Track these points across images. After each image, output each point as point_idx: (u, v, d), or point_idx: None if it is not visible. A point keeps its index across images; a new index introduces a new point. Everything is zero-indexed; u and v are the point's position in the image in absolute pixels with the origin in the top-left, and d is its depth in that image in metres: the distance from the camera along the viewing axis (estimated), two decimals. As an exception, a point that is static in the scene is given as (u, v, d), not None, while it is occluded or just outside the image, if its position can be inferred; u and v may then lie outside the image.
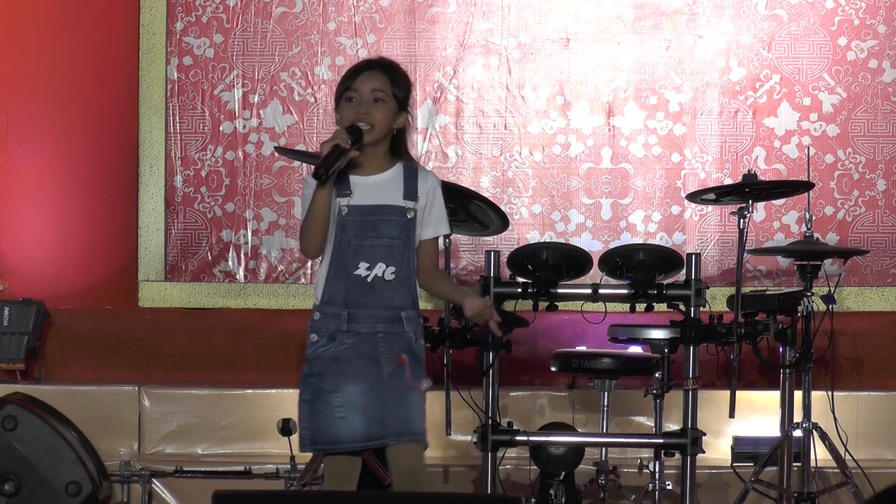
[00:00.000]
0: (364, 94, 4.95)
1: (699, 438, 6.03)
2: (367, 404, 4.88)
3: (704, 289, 6.02)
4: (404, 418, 4.89)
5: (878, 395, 7.24)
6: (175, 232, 7.73)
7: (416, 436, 4.91)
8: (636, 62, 7.68)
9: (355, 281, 4.90)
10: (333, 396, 4.89)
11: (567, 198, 7.68)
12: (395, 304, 4.92)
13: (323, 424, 4.90)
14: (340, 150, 4.82)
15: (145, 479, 6.92)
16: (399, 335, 4.92)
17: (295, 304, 7.65)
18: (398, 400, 4.89)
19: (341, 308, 4.91)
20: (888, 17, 7.65)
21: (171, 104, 7.73)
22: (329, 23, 7.73)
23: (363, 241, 4.91)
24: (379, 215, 4.92)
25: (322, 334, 4.94)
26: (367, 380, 4.89)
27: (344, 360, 4.91)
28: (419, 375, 4.93)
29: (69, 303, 7.66)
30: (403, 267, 4.93)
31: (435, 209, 5.00)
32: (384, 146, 4.99)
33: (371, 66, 5.03)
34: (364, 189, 4.95)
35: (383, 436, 4.90)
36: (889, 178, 7.63)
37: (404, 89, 5.02)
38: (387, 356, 4.91)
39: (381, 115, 4.94)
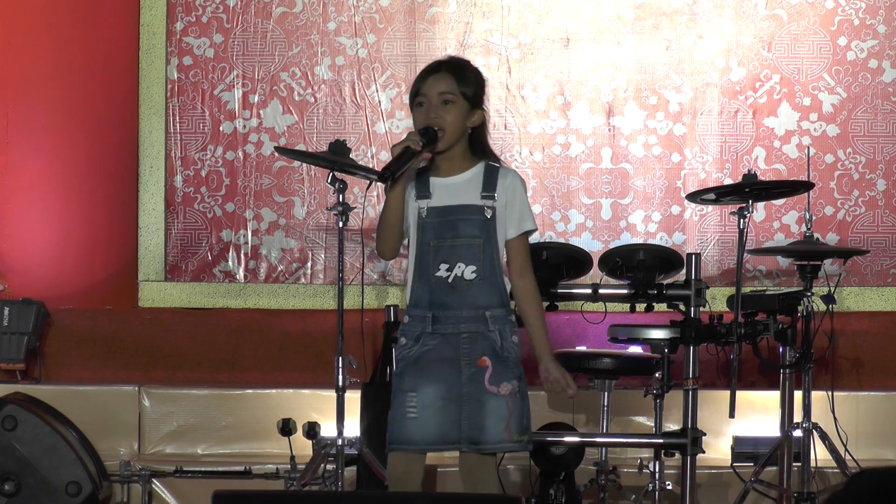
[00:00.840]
0: (432, 97, 4.92)
1: (699, 438, 6.03)
2: (444, 406, 4.84)
3: (704, 289, 6.02)
4: (478, 426, 4.85)
5: (878, 395, 7.24)
6: (175, 232, 7.73)
7: (491, 444, 4.86)
8: (636, 62, 7.68)
9: (437, 282, 4.88)
10: (409, 396, 4.86)
11: (567, 198, 7.68)
12: (479, 303, 4.88)
13: (396, 424, 4.88)
14: (411, 152, 4.81)
15: (145, 479, 6.92)
16: (483, 336, 4.88)
17: (295, 304, 7.65)
18: (475, 405, 4.85)
19: (426, 310, 4.89)
20: (888, 17, 7.65)
21: (171, 104, 7.73)
22: (329, 23, 7.73)
23: (442, 241, 4.89)
24: (457, 215, 4.90)
25: (409, 337, 4.92)
26: (446, 381, 4.85)
27: (425, 361, 4.88)
28: (503, 379, 4.88)
29: (69, 303, 7.66)
30: (486, 265, 4.89)
31: (516, 206, 4.96)
32: (462, 146, 4.96)
33: (438, 68, 4.99)
34: (443, 190, 4.93)
35: (457, 440, 4.86)
36: (889, 178, 7.63)
37: (474, 87, 4.98)
38: (468, 358, 4.87)
39: (452, 117, 4.91)
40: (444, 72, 4.97)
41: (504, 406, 4.87)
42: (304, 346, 7.52)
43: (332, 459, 6.03)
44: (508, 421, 4.87)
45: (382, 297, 7.53)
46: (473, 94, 4.97)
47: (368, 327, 6.87)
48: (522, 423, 4.94)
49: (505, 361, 4.90)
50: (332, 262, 7.65)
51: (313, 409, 7.01)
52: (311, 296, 7.66)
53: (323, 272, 7.69)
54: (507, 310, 4.95)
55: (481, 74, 5.05)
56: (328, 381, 6.06)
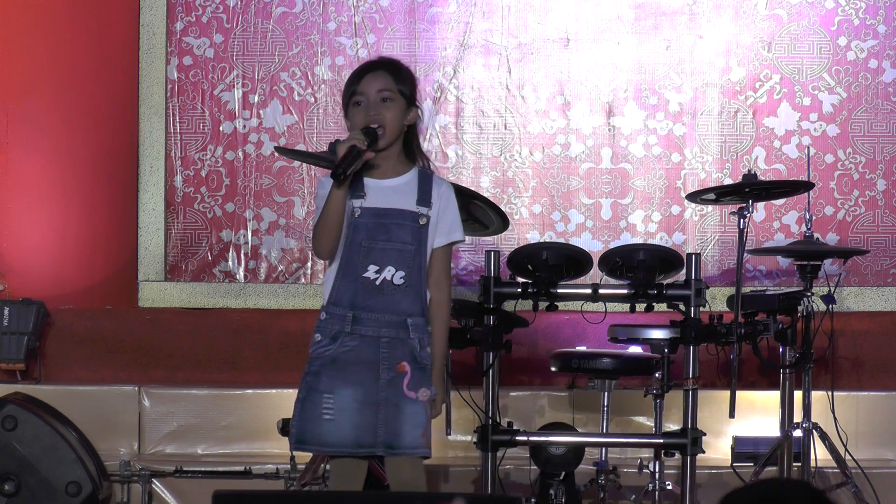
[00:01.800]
0: (371, 95, 4.93)
1: (699, 438, 6.03)
2: (360, 410, 4.85)
3: (704, 289, 6.01)
4: (396, 430, 4.85)
5: (878, 395, 7.24)
6: (175, 232, 7.73)
7: (407, 449, 4.87)
8: (636, 62, 7.68)
9: (364, 283, 4.88)
10: (325, 397, 4.86)
11: (567, 198, 7.68)
12: (402, 309, 4.89)
13: (310, 424, 4.87)
14: (357, 151, 4.80)
15: (145, 479, 6.92)
16: (403, 342, 4.88)
17: (295, 304, 7.65)
18: (392, 410, 4.85)
19: (347, 309, 4.89)
20: (888, 17, 7.65)
21: (171, 104, 7.73)
22: (329, 23, 7.73)
23: (374, 243, 4.88)
24: (392, 219, 4.90)
25: (326, 334, 4.92)
26: (363, 385, 4.86)
27: (342, 363, 4.88)
28: (420, 385, 4.89)
29: (69, 303, 7.66)
30: (414, 273, 4.90)
31: (448, 216, 4.96)
32: (398, 147, 4.97)
33: (373, 66, 5.02)
34: (378, 192, 4.92)
35: (373, 445, 4.87)
36: (889, 178, 7.63)
37: (410, 85, 5.00)
38: (387, 363, 4.87)
39: (392, 114, 4.92)
40: (380, 70, 4.99)
41: (422, 412, 4.89)
42: (304, 346, 7.45)
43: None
44: (425, 427, 4.88)
45: (382, 297, 7.52)
46: (410, 92, 4.99)
47: (368, 327, 6.85)
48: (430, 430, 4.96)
49: (423, 369, 4.92)
50: (332, 262, 7.65)
51: (313, 409, 7.00)
52: (311, 296, 7.66)
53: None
54: (426, 319, 4.95)
55: (413, 73, 5.09)
56: (328, 381, 6.06)
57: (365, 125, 4.88)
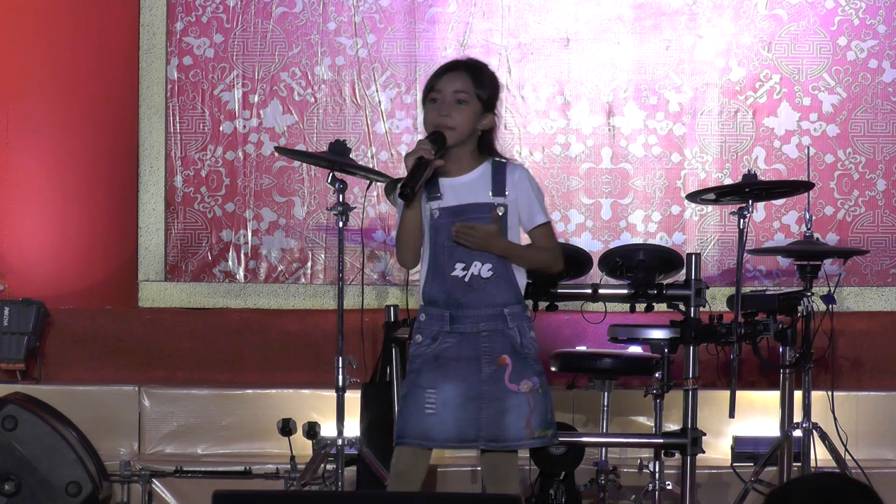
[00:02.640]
0: (446, 95, 4.93)
1: (699, 438, 6.03)
2: (463, 405, 4.86)
3: (704, 289, 6.01)
4: (498, 423, 4.86)
5: (878, 395, 7.24)
6: (175, 232, 7.73)
7: (512, 441, 4.88)
8: (636, 62, 7.68)
9: (453, 282, 4.89)
10: (428, 392, 4.87)
11: (567, 198, 7.68)
12: (497, 300, 4.90)
13: (412, 419, 4.88)
14: (425, 163, 4.80)
15: (145, 479, 6.92)
16: (502, 333, 4.89)
17: (295, 304, 7.65)
18: (494, 404, 4.86)
19: (444, 309, 4.90)
20: (888, 17, 7.64)
21: (171, 104, 7.73)
22: (329, 23, 7.73)
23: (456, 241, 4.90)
24: (469, 214, 4.90)
25: (426, 335, 4.93)
26: (466, 380, 4.87)
27: (444, 359, 4.89)
28: (522, 376, 4.88)
29: (69, 303, 7.66)
30: (501, 262, 4.90)
31: (525, 200, 4.97)
32: (470, 146, 4.96)
33: (455, 66, 5.00)
34: (453, 190, 4.93)
35: (476, 439, 4.88)
36: (889, 178, 7.63)
37: (490, 90, 4.98)
38: (488, 357, 4.88)
39: (464, 116, 4.91)
40: (461, 70, 4.98)
41: (525, 403, 4.88)
42: (304, 346, 7.52)
43: (332, 459, 6.03)
44: (529, 418, 4.87)
45: (382, 297, 7.53)
46: (488, 98, 4.97)
47: (368, 327, 6.87)
48: (546, 418, 4.95)
49: (525, 358, 4.91)
50: (332, 262, 7.65)
51: (313, 409, 7.01)
52: (311, 296, 7.66)
53: (323, 272, 7.69)
54: (524, 306, 4.96)
55: (497, 79, 5.06)
56: (328, 381, 6.07)
57: (434, 124, 4.88)
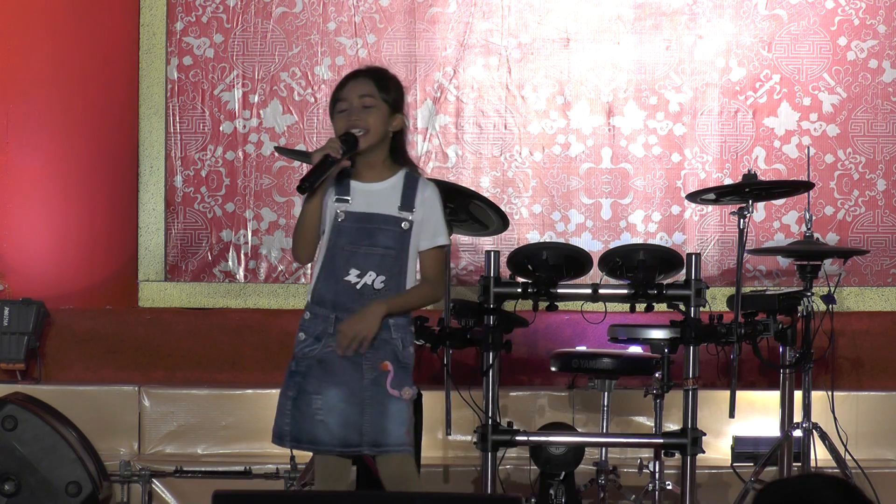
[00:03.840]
0: (353, 101, 4.97)
1: (699, 438, 6.03)
2: (346, 409, 4.90)
3: (704, 289, 6.01)
4: (380, 428, 4.89)
5: (878, 395, 7.24)
6: (175, 232, 7.74)
7: (392, 447, 4.90)
8: (636, 62, 7.68)
9: (345, 286, 4.93)
10: (314, 398, 4.92)
11: (567, 198, 7.68)
12: None
13: (305, 424, 4.93)
14: (330, 160, 4.83)
15: (145, 479, 6.92)
16: (385, 342, 4.92)
17: (295, 304, 7.65)
18: (376, 409, 4.90)
19: (329, 311, 4.94)
20: (888, 17, 7.65)
21: (171, 104, 7.74)
22: (329, 23, 7.73)
23: (357, 248, 4.92)
24: (374, 223, 4.94)
25: (310, 334, 4.98)
26: (348, 384, 4.91)
27: (327, 363, 4.93)
28: (402, 384, 4.92)
29: (69, 303, 7.66)
30: (394, 277, 4.94)
31: (432, 219, 4.99)
32: (383, 152, 5.00)
33: (356, 74, 5.06)
34: (363, 195, 4.96)
35: (359, 444, 4.92)
36: (889, 178, 7.63)
37: (394, 92, 5.02)
38: (370, 362, 4.92)
39: (373, 119, 4.95)
40: (363, 77, 5.03)
41: (405, 410, 4.93)
42: (304, 346, 7.51)
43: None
44: (408, 424, 4.91)
45: (382, 297, 7.52)
46: (394, 99, 5.02)
47: (368, 327, 6.86)
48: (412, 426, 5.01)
49: (406, 368, 4.97)
50: (332, 262, 7.65)
51: (313, 409, 7.00)
52: (311, 296, 7.65)
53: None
54: (409, 319, 5.01)
55: (400, 82, 5.10)
56: (328, 381, 6.06)
57: (344, 132, 4.91)
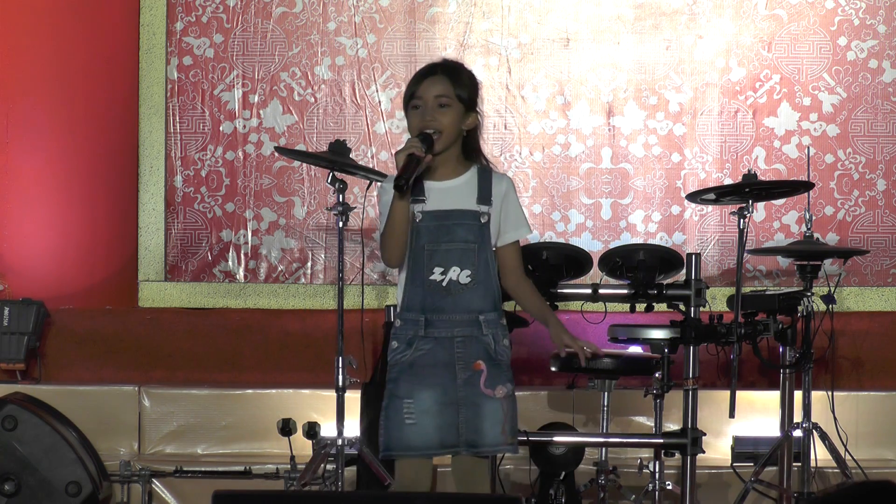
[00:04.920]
0: (428, 100, 4.94)
1: (699, 438, 6.03)
2: (441, 411, 4.88)
3: (704, 289, 6.01)
4: (476, 429, 4.88)
5: (878, 395, 7.24)
6: (175, 232, 7.74)
7: (489, 447, 4.90)
8: (636, 62, 7.68)
9: (431, 286, 4.90)
10: (405, 402, 4.89)
11: (567, 198, 7.68)
12: (473, 307, 4.91)
13: (395, 430, 4.90)
14: (416, 159, 4.81)
15: (145, 479, 6.92)
16: (477, 339, 4.91)
17: (295, 304, 7.65)
18: (471, 409, 4.88)
19: (419, 314, 4.91)
20: (888, 17, 7.65)
21: (171, 104, 7.74)
22: (329, 23, 7.73)
23: (437, 245, 4.91)
24: (453, 219, 4.92)
25: (402, 341, 4.94)
26: (442, 386, 4.88)
27: (419, 366, 4.90)
28: (497, 382, 4.90)
29: (69, 303, 7.66)
30: (480, 270, 4.92)
31: (511, 212, 4.99)
32: (456, 149, 4.98)
33: (433, 70, 5.00)
34: (438, 194, 4.95)
35: (456, 444, 4.90)
36: (889, 178, 7.63)
37: (469, 90, 4.99)
38: (462, 362, 4.90)
39: (448, 119, 4.93)
40: (439, 74, 4.99)
41: (500, 409, 4.91)
42: (304, 346, 7.52)
43: (332, 459, 6.03)
44: (504, 423, 4.89)
45: (382, 297, 7.53)
46: (468, 97, 4.99)
47: (368, 327, 6.87)
48: (515, 425, 4.99)
49: (499, 365, 4.94)
50: (332, 262, 7.66)
51: (313, 409, 7.01)
52: (311, 296, 7.66)
53: (323, 272, 7.69)
54: (500, 314, 4.98)
55: (475, 77, 5.07)
56: (328, 381, 6.06)
57: (420, 130, 4.89)
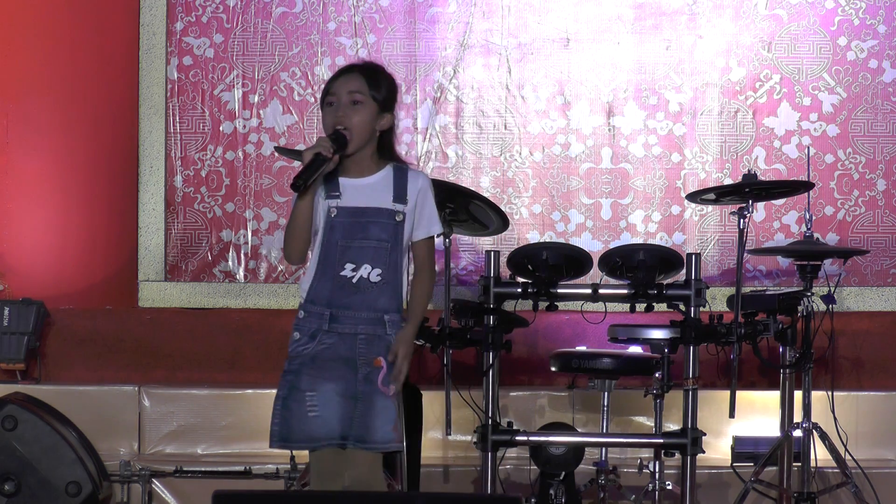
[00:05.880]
0: (342, 97, 4.97)
1: (699, 438, 6.03)
2: (342, 402, 4.89)
3: (704, 289, 6.02)
4: (368, 425, 4.89)
5: (878, 395, 7.24)
6: (175, 232, 7.73)
7: (379, 444, 4.89)
8: (636, 62, 7.68)
9: (340, 281, 4.92)
10: (308, 395, 4.90)
11: (567, 198, 7.68)
12: (379, 306, 4.93)
13: (296, 422, 4.90)
14: (322, 159, 4.84)
15: (145, 479, 6.92)
16: (380, 338, 4.93)
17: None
18: (366, 404, 4.89)
19: (325, 308, 4.94)
20: (888, 17, 7.65)
21: (171, 104, 7.74)
22: (329, 23, 7.73)
23: (351, 242, 4.92)
24: (368, 217, 4.93)
25: (304, 333, 4.97)
26: (343, 379, 4.90)
27: (321, 360, 4.92)
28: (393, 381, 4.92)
29: (69, 303, 7.66)
30: (390, 269, 4.93)
31: (426, 210, 4.99)
32: (370, 148, 4.99)
33: (350, 69, 5.04)
34: (354, 191, 4.96)
35: (349, 436, 4.89)
36: (889, 178, 7.63)
37: (385, 90, 4.99)
38: (363, 358, 4.92)
39: (360, 118, 4.94)
40: (355, 73, 5.01)
41: (393, 407, 4.92)
42: (304, 346, 7.51)
43: (332, 459, 6.02)
44: (396, 421, 4.90)
45: (382, 297, 7.52)
46: (384, 98, 4.99)
47: (368, 327, 6.86)
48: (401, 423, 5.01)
49: None
50: (332, 262, 7.65)
51: (313, 409, 7.00)
52: (311, 296, 7.65)
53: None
54: (401, 315, 4.98)
55: (394, 80, 5.08)
56: (328, 381, 6.05)
57: (332, 126, 4.91)
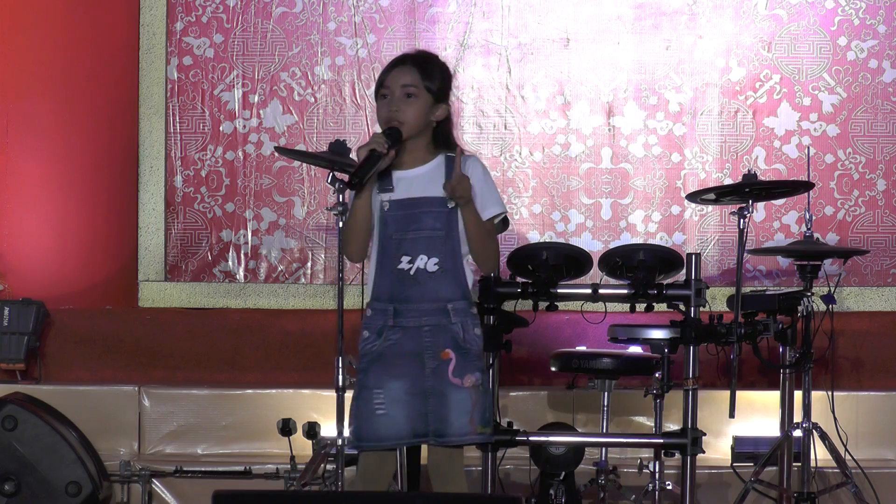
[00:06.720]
0: (395, 90, 4.92)
1: (699, 438, 6.03)
2: (410, 401, 4.87)
3: (704, 289, 6.01)
4: (443, 418, 4.87)
5: (878, 395, 7.24)
6: (175, 232, 7.73)
7: (455, 437, 4.88)
8: (636, 62, 7.68)
9: (399, 275, 4.90)
10: (375, 393, 4.88)
11: (567, 198, 7.68)
12: (440, 295, 4.90)
13: (365, 422, 4.90)
14: (377, 155, 4.80)
15: (145, 479, 6.92)
16: (445, 328, 4.90)
17: (295, 304, 7.65)
18: (439, 398, 4.87)
19: (388, 303, 4.91)
20: (888, 17, 7.65)
21: (171, 104, 7.73)
22: (329, 23, 7.73)
23: (404, 234, 4.90)
24: (420, 208, 4.90)
25: (371, 330, 4.94)
26: (410, 376, 4.88)
27: (388, 356, 4.90)
28: (466, 371, 4.89)
29: (69, 303, 7.66)
30: (448, 258, 4.90)
31: (479, 193, 4.93)
32: (424, 139, 4.96)
33: (402, 60, 4.99)
34: (406, 183, 4.93)
35: (426, 434, 4.89)
36: (889, 178, 7.63)
37: (440, 80, 4.96)
38: (430, 352, 4.89)
39: (413, 110, 4.91)
40: (408, 65, 4.97)
41: (468, 398, 4.90)
42: (304, 346, 7.52)
43: (332, 459, 6.04)
44: (472, 413, 4.88)
45: (382, 297, 7.52)
46: (438, 89, 4.96)
47: (368, 327, 6.86)
48: (485, 415, 4.97)
49: (467, 353, 4.92)
50: (332, 262, 7.65)
51: (313, 409, 7.01)
52: (311, 296, 7.66)
53: (323, 272, 7.69)
54: (469, 302, 4.96)
55: (448, 69, 5.04)
56: (328, 381, 6.03)
57: (385, 120, 4.88)
